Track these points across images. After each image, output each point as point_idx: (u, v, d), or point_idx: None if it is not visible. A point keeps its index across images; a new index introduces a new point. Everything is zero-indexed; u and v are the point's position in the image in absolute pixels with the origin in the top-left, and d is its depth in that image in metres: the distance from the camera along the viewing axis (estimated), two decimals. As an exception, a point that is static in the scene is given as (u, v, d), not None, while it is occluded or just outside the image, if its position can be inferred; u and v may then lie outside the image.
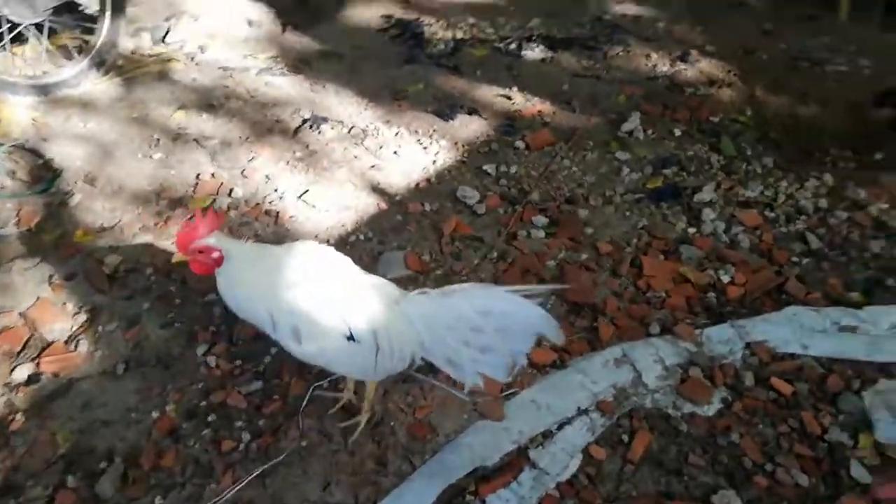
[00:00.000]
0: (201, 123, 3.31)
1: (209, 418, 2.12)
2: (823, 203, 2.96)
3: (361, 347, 1.75)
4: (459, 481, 1.93)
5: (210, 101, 3.46)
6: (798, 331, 2.36)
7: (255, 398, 2.18)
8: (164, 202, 2.88)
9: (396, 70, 3.77)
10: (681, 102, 3.55)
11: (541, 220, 2.81)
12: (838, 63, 3.96)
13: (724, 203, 2.94)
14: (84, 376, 2.24)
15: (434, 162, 3.13)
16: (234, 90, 3.55)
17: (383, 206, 2.89)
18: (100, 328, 2.38)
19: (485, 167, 3.08)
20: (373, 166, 3.09)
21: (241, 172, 3.03)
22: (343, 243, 2.71)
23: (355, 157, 3.14)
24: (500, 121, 3.39)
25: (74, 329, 2.38)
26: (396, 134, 3.28)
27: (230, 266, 1.78)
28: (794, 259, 2.69)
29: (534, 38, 3.96)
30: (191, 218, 1.81)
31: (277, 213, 2.84)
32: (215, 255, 1.77)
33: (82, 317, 2.41)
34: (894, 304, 2.47)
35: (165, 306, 2.45)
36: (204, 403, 2.17)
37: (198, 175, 3.01)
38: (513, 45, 3.93)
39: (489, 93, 3.60)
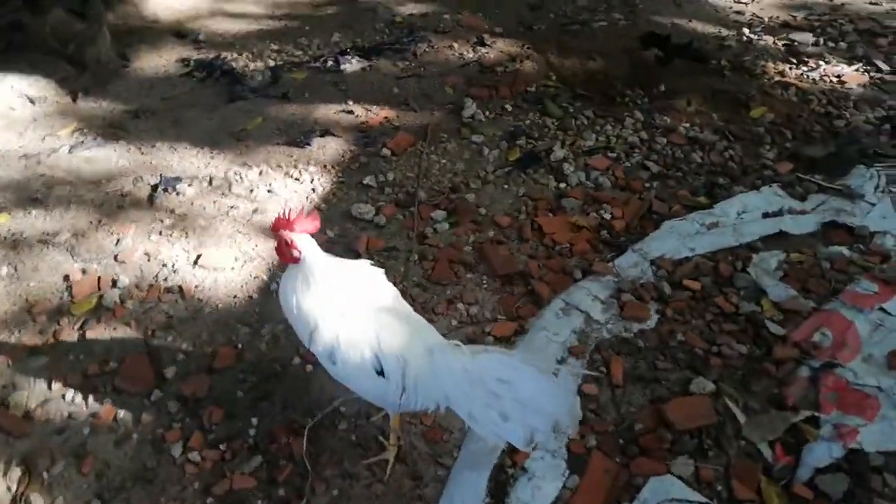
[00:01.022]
0: (34, 222, 2.95)
1: (224, 512, 2.02)
2: (644, 135, 3.56)
3: (388, 383, 1.83)
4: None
5: (31, 195, 3.08)
6: (680, 239, 2.88)
7: (261, 473, 2.12)
8: (42, 317, 2.56)
9: (224, 111, 3.67)
10: (498, 81, 3.95)
11: (439, 214, 3.01)
12: (599, 20, 4.68)
13: (575, 156, 3.39)
14: (60, 535, 1.98)
15: (313, 190, 3.16)
16: (53, 176, 3.20)
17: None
18: (45, 475, 2.10)
19: (364, 181, 3.18)
20: (254, 210, 3.03)
21: (115, 258, 2.79)
22: (266, 292, 2.67)
23: (231, 207, 3.05)
24: (355, 135, 3.50)
25: (15, 490, 2.07)
26: (261, 174, 3.24)
27: (298, 271, 1.84)
28: (647, 185, 3.23)
29: (347, 51, 4.10)
30: (293, 209, 1.86)
31: (180, 287, 2.68)
32: (296, 253, 1.83)
33: (16, 472, 2.10)
34: (731, 198, 3.11)
35: (108, 422, 2.23)
36: (210, 501, 2.05)
37: (66, 277, 2.71)
38: (329, 62, 4.02)
39: (329, 111, 3.67)
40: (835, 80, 4.16)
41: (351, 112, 3.67)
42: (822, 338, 2.48)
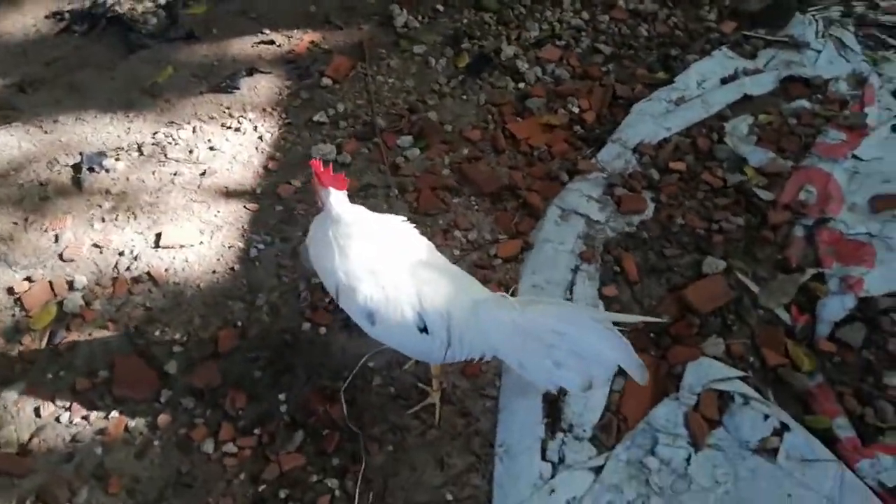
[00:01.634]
0: (-54, 234, 2.60)
1: (282, 495, 1.97)
2: (585, 15, 3.48)
3: (432, 339, 1.78)
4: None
5: (-71, 207, 2.70)
6: (653, 120, 2.89)
7: (308, 447, 2.07)
8: None
9: (125, 66, 3.27)
10: (420, -21, 3.71)
11: (405, 140, 2.87)
12: None
13: (524, 51, 3.28)
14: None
15: (260, 138, 2.92)
16: (-53, 176, 2.80)
17: (252, 205, 2.68)
18: (70, 506, 1.96)
19: (314, 118, 2.97)
20: (203, 173, 2.79)
21: (60, 258, 2.52)
22: (247, 260, 2.50)
23: (174, 174, 2.79)
24: (285, 67, 3.22)
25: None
26: (194, 130, 2.95)
27: (325, 221, 1.75)
28: (604, 69, 3.19)
29: (246, -29, 3.70)
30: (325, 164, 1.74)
31: (149, 274, 2.47)
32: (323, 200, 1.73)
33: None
34: (687, 69, 3.13)
35: (120, 435, 2.09)
36: (263, 488, 1.99)
37: (9, 290, 2.43)
38: (229, -12, 3.63)
39: (246, 46, 3.35)
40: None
41: (272, 42, 3.36)
42: (807, 195, 2.60)
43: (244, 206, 2.68)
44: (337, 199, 1.73)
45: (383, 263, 1.76)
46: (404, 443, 2.07)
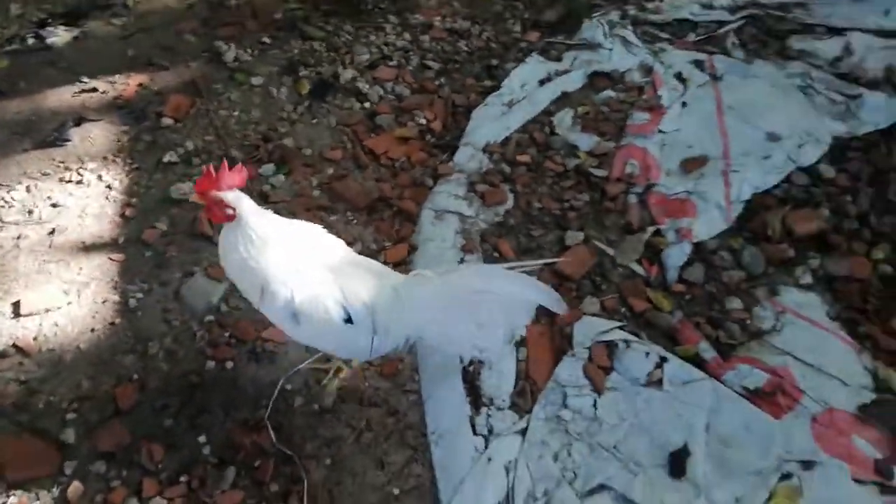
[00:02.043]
0: None
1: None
2: (408, 37, 3.75)
3: (358, 330, 1.86)
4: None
5: None
6: (492, 122, 3.22)
7: (244, 481, 2.06)
8: None
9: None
10: (239, 16, 3.75)
11: (267, 168, 2.92)
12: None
13: (361, 73, 3.47)
14: None
15: (109, 187, 2.80)
16: None
17: (118, 256, 2.57)
18: None
19: (164, 159, 2.91)
20: (51, 232, 2.62)
21: None
22: (127, 312, 2.41)
23: (18, 237, 2.59)
24: (117, 113, 3.11)
25: None
26: (28, 190, 2.76)
27: (237, 228, 1.77)
28: (437, 83, 3.47)
29: (47, 21, 3.49)
30: (216, 167, 1.76)
31: (15, 346, 2.28)
32: (229, 211, 1.76)
33: None
34: (509, 75, 3.51)
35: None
36: (205, 531, 1.95)
37: None
38: (30, 40, 3.41)
39: (65, 96, 3.18)
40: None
41: (94, 90, 3.22)
42: (632, 168, 3.06)
43: (109, 258, 2.56)
44: (248, 206, 1.78)
45: (303, 263, 1.82)
46: (340, 453, 2.13)
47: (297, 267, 1.81)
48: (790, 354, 2.39)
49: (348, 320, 1.84)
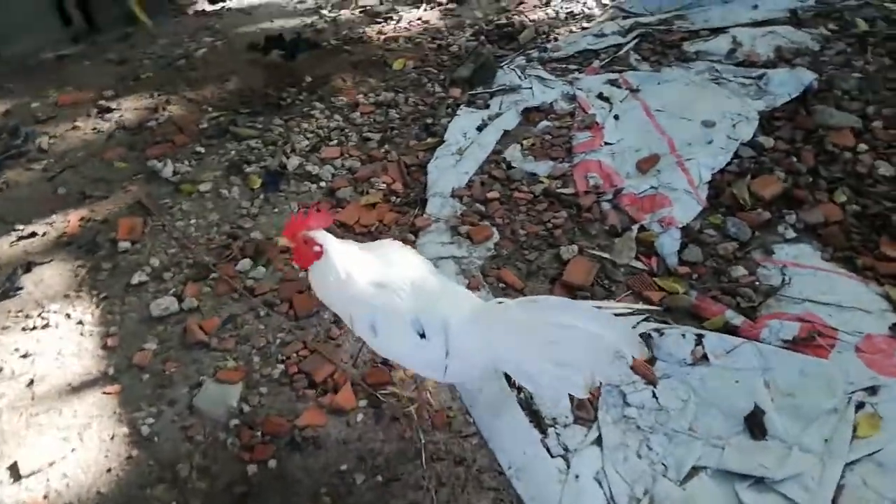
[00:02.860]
0: None
1: None
2: (339, 117, 3.80)
3: (431, 346, 1.80)
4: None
5: None
6: (451, 170, 3.26)
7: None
8: None
9: None
10: (163, 133, 3.69)
11: (244, 264, 2.81)
12: (199, 48, 4.66)
13: (307, 158, 3.46)
14: None
15: (80, 323, 2.60)
16: None
17: (113, 388, 2.36)
18: None
19: (132, 282, 2.74)
20: (30, 383, 2.38)
21: None
22: (142, 441, 2.19)
23: (-7, 397, 2.33)
24: (66, 250, 2.94)
25: None
26: (-10, 347, 2.51)
27: (326, 263, 1.83)
28: (383, 150, 3.51)
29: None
30: (305, 209, 1.87)
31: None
32: (317, 248, 1.83)
33: None
34: (447, 129, 3.61)
35: None
36: None
37: None
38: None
39: (5, 246, 2.98)
40: (418, 22, 5.01)
41: (33, 234, 3.04)
42: (594, 180, 3.17)
43: (103, 393, 2.34)
44: (332, 241, 1.85)
45: (386, 277, 1.84)
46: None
47: (379, 281, 1.84)
48: (808, 300, 2.47)
49: (422, 335, 1.81)
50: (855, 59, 3.82)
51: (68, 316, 2.62)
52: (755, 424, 2.08)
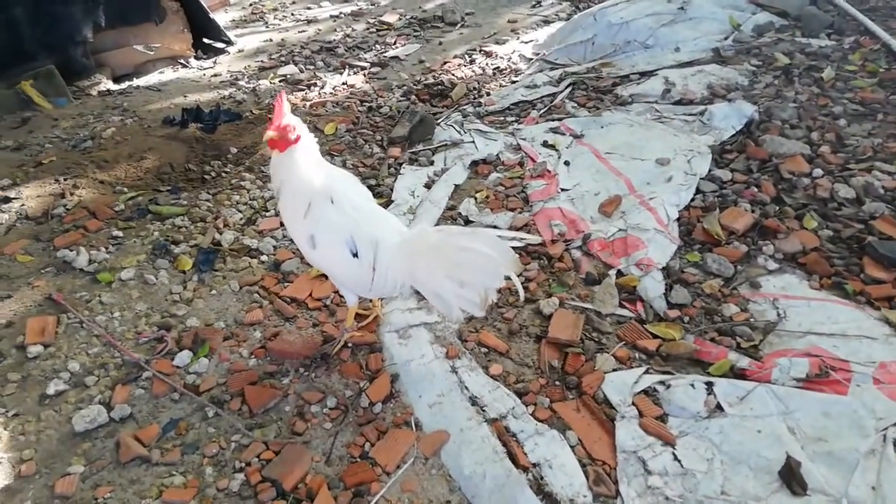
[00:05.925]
0: None
1: None
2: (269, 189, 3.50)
3: (360, 264, 2.04)
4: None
5: None
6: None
7: None
8: None
9: None
10: (73, 220, 3.27)
11: (182, 357, 2.41)
12: (106, 128, 4.27)
13: (243, 231, 3.12)
14: None
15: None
16: None
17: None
18: None
19: (48, 392, 2.29)
20: None
21: None
22: None
23: None
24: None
25: None
26: None
27: (293, 153, 1.97)
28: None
29: None
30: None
31: None
32: (294, 135, 1.94)
33: None
34: (394, 188, 3.37)
35: None
36: None
37: None
38: None
39: None
40: (343, 86, 4.83)
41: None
42: (559, 227, 2.99)
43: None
44: (306, 129, 2.00)
45: (337, 193, 2.02)
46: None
47: (332, 195, 2.00)
48: (810, 333, 2.31)
49: (355, 254, 2.03)
50: (784, 90, 3.88)
51: (-32, 448, 2.13)
52: (793, 478, 1.85)
